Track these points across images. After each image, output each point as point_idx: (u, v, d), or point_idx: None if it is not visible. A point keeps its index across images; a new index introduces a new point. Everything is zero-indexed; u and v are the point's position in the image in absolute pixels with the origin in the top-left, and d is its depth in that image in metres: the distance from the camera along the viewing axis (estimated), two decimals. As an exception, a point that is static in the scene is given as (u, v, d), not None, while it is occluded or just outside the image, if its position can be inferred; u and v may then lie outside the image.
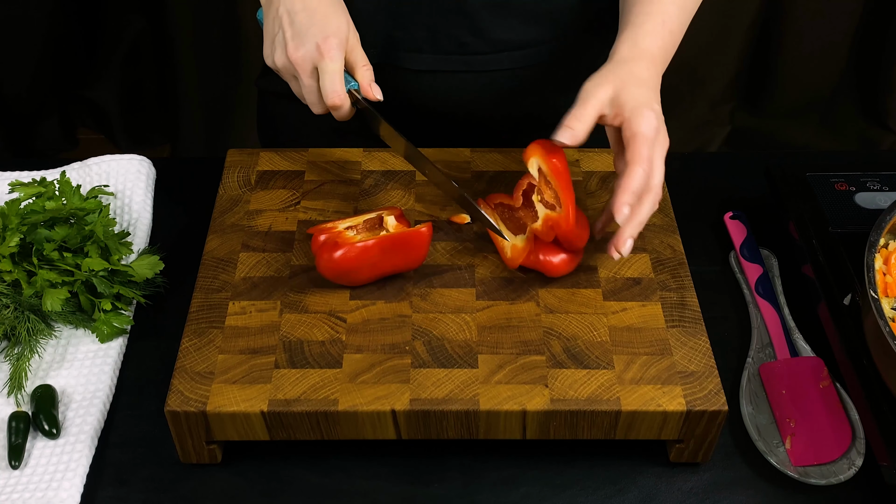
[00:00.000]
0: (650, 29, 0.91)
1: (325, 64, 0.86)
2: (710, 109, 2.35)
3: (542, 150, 0.88)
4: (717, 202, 1.11)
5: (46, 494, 0.79)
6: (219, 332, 0.85)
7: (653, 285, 0.90)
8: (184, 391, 0.80)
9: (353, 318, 0.86)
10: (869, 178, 1.05)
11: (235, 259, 0.92)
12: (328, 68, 0.86)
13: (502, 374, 0.81)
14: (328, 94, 0.87)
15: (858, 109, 2.36)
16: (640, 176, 0.82)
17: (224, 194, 0.99)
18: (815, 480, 0.83)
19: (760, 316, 0.97)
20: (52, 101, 2.25)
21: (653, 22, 0.92)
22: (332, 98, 0.87)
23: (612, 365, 0.82)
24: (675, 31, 0.94)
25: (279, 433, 0.81)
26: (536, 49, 1.05)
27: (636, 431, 0.81)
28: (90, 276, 0.91)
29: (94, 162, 1.09)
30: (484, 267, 0.91)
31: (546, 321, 0.86)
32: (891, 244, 0.94)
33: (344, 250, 0.85)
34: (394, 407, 0.79)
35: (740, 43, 2.23)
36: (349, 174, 1.01)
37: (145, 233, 1.04)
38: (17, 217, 0.92)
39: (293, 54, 0.86)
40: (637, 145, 0.83)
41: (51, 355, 0.91)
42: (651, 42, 0.91)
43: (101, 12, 2.16)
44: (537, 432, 0.81)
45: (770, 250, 1.04)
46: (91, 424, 0.85)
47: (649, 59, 0.90)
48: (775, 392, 0.89)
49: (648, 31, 0.91)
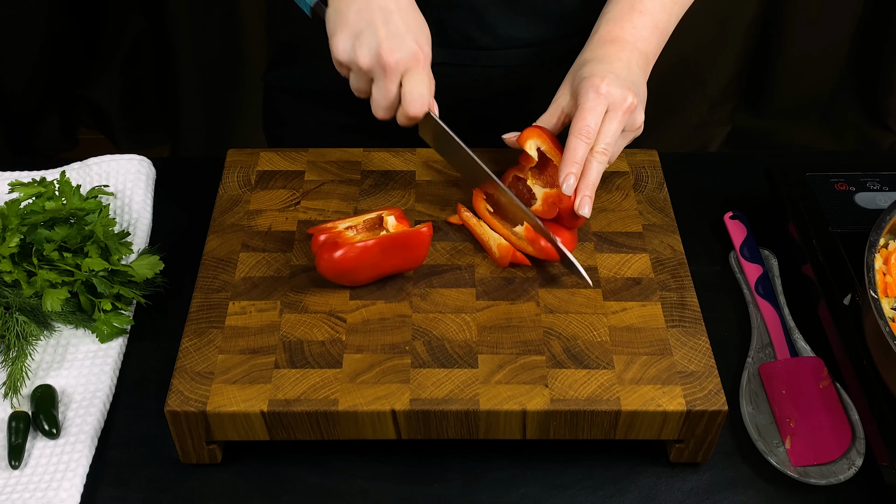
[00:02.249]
0: (616, 15, 0.95)
1: (417, 72, 0.84)
2: (710, 109, 2.35)
3: (539, 132, 0.93)
4: (717, 202, 1.11)
5: (46, 494, 0.79)
6: (219, 332, 0.85)
7: (653, 285, 0.90)
8: (184, 391, 0.80)
9: (353, 318, 0.86)
10: (869, 178, 1.05)
11: (235, 259, 0.92)
12: (419, 77, 0.84)
13: (502, 374, 0.81)
14: (415, 102, 0.85)
15: (858, 109, 2.36)
16: (580, 148, 0.87)
17: (224, 194, 0.99)
18: (815, 480, 0.83)
19: (760, 316, 0.97)
20: (51, 101, 2.25)
21: (620, 7, 0.96)
22: (419, 107, 0.85)
23: (612, 365, 0.82)
24: (651, 11, 0.95)
25: (279, 433, 0.81)
26: (543, 47, 1.05)
27: (636, 431, 0.81)
28: (90, 276, 0.91)
29: (94, 162, 1.09)
30: (484, 267, 0.91)
31: (546, 321, 0.86)
32: (891, 244, 0.94)
33: (344, 250, 0.85)
34: (394, 407, 0.79)
35: (740, 43, 2.23)
36: (349, 174, 1.01)
37: (145, 233, 1.04)
38: (17, 217, 0.92)
39: (388, 57, 0.83)
40: (578, 117, 0.88)
41: (51, 355, 0.91)
42: (615, 27, 0.94)
43: (100, 12, 2.16)
44: (537, 432, 0.81)
45: (770, 250, 1.04)
46: (91, 424, 0.85)
47: (611, 42, 0.93)
48: (775, 392, 0.89)
49: (613, 17, 0.95)
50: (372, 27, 0.84)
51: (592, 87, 0.87)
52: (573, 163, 0.87)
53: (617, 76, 0.89)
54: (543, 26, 1.04)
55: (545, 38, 1.04)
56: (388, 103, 0.86)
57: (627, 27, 0.94)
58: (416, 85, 0.84)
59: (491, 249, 0.91)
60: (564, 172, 0.87)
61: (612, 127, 0.88)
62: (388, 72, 0.84)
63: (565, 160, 0.87)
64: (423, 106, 0.85)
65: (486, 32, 1.03)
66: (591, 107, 0.87)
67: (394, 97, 0.86)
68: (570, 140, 0.87)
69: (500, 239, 0.90)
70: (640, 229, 0.95)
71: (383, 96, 0.86)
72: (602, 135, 0.88)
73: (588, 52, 0.94)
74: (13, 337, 0.89)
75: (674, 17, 0.99)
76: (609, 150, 0.88)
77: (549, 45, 1.05)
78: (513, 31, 1.03)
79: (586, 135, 0.87)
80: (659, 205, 0.98)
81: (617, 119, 0.88)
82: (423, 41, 0.85)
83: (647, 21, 0.95)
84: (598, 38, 0.95)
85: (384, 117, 0.88)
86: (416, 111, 0.85)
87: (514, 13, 1.01)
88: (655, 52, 0.97)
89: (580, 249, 0.93)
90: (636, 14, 0.95)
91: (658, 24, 0.96)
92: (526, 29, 1.03)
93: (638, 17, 0.95)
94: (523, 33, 1.04)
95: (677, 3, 0.98)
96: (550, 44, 1.05)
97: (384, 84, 0.85)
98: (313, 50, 0.89)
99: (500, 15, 1.01)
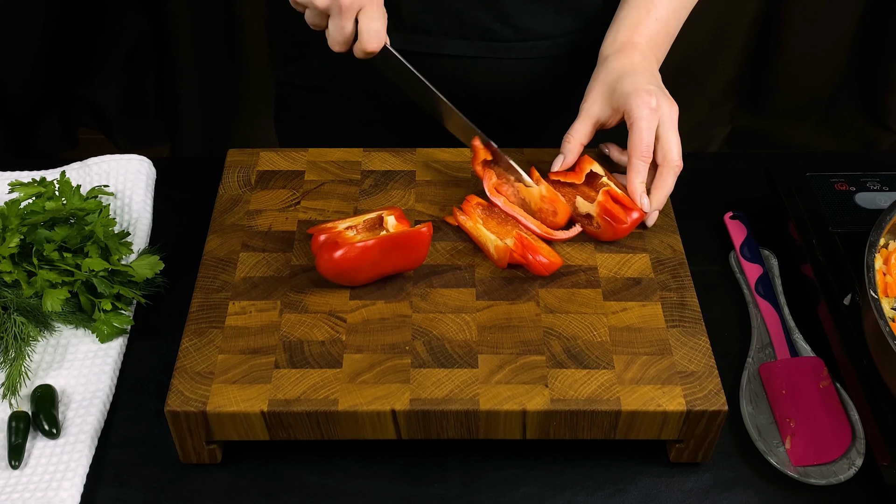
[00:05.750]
0: (634, 21, 0.98)
1: (372, 9, 0.88)
2: (710, 109, 2.35)
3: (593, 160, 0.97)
4: (717, 202, 1.11)
5: (46, 494, 0.79)
6: (219, 332, 0.85)
7: (653, 285, 0.90)
8: (184, 391, 0.80)
9: (353, 318, 0.86)
10: (869, 178, 1.05)
11: (235, 259, 0.92)
12: (374, 13, 0.88)
13: (502, 374, 0.81)
14: (371, 38, 0.88)
15: (858, 109, 2.36)
16: (642, 168, 0.92)
17: (224, 194, 0.99)
18: (815, 480, 0.83)
19: (760, 316, 0.97)
20: (51, 101, 2.25)
21: (637, 13, 0.99)
22: (374, 42, 0.89)
23: (612, 365, 0.82)
24: (664, 18, 0.98)
25: (279, 433, 0.81)
26: (562, 39, 1.06)
27: (636, 431, 0.81)
28: (90, 277, 0.91)
29: (94, 162, 1.09)
30: (484, 267, 0.91)
31: (546, 321, 0.86)
32: (891, 244, 0.93)
33: (344, 250, 0.85)
34: (394, 407, 0.79)
35: (740, 43, 2.23)
36: (349, 174, 1.01)
37: (145, 233, 1.04)
38: (17, 217, 0.92)
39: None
40: (634, 133, 0.92)
41: (51, 355, 0.91)
42: (633, 33, 0.98)
43: (100, 12, 2.16)
44: (537, 432, 0.81)
45: (770, 250, 1.04)
46: (91, 424, 0.85)
47: (631, 48, 0.97)
48: (775, 392, 0.89)
49: (631, 24, 0.98)
50: None
51: (646, 105, 0.91)
52: (641, 182, 0.92)
53: (658, 87, 0.94)
54: (563, 18, 1.05)
55: (563, 30, 1.05)
56: (344, 38, 0.90)
57: (644, 33, 0.98)
58: (371, 21, 0.88)
59: (489, 251, 0.91)
60: (638, 193, 0.92)
61: (675, 138, 0.93)
62: (344, 10, 0.88)
63: (633, 182, 0.92)
64: (379, 41, 0.89)
65: (505, 24, 1.04)
66: (648, 126, 0.91)
67: (350, 33, 0.90)
68: (633, 161, 0.92)
69: (497, 241, 0.90)
70: (640, 229, 0.95)
71: (340, 32, 0.90)
72: (673, 149, 0.93)
73: (615, 60, 0.96)
74: (11, 338, 0.89)
75: (680, 22, 1.02)
76: (681, 159, 0.93)
77: (568, 38, 1.06)
78: (531, 23, 1.04)
79: (647, 154, 0.92)
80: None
81: (674, 129, 0.93)
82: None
83: (661, 28, 0.99)
84: (620, 44, 0.98)
85: (340, 51, 0.92)
86: (373, 47, 0.90)
87: (534, 5, 1.02)
88: (663, 58, 1.01)
89: (580, 250, 0.93)
90: (652, 21, 0.98)
91: (669, 31, 1.01)
92: (545, 21, 1.04)
93: (653, 24, 0.98)
94: (543, 26, 1.04)
95: (684, 9, 1.01)
96: (570, 36, 1.05)
97: (339, 21, 0.89)
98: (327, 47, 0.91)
99: (519, 6, 1.03)
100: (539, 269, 0.89)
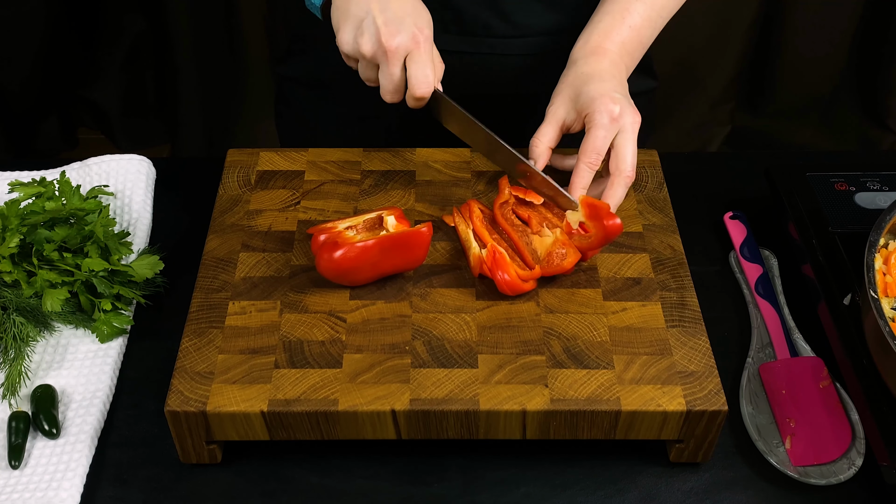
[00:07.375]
0: (607, 26, 0.98)
1: (419, 54, 0.87)
2: (710, 109, 2.35)
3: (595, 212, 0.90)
4: (717, 202, 1.11)
5: (46, 494, 0.79)
6: (219, 332, 0.85)
7: (653, 285, 0.90)
8: (184, 391, 0.80)
9: (353, 318, 0.86)
10: (869, 178, 1.05)
11: (235, 259, 0.92)
12: (422, 59, 0.87)
13: (502, 374, 0.81)
14: (420, 83, 0.87)
15: (858, 109, 2.36)
16: (587, 173, 0.91)
17: (224, 194, 0.99)
18: (815, 480, 0.83)
19: (760, 316, 0.97)
20: (51, 101, 2.25)
21: (611, 19, 0.99)
22: (424, 87, 0.87)
23: (612, 365, 0.82)
24: (638, 26, 0.99)
25: (279, 433, 0.81)
26: (560, 35, 1.06)
27: (636, 431, 0.81)
28: (90, 277, 0.91)
29: (93, 162, 1.09)
30: (484, 267, 0.91)
31: (546, 321, 0.86)
32: (891, 244, 0.94)
33: (344, 250, 0.85)
34: (394, 407, 0.79)
35: (740, 43, 2.23)
36: (349, 174, 1.01)
37: (145, 233, 1.04)
38: (17, 217, 0.92)
39: (388, 41, 0.86)
40: (589, 138, 0.91)
41: (51, 355, 0.91)
42: (605, 39, 0.98)
43: (100, 12, 2.16)
44: (537, 432, 0.81)
45: (770, 250, 1.04)
46: (91, 424, 0.85)
47: (601, 53, 0.96)
48: (775, 392, 0.89)
49: (604, 29, 0.98)
50: (371, 16, 0.86)
51: (608, 112, 0.90)
52: (583, 188, 0.91)
53: (623, 95, 0.93)
54: (558, 14, 1.05)
55: (561, 26, 1.06)
56: (395, 87, 0.89)
57: (616, 39, 0.98)
58: (419, 67, 0.87)
59: (467, 257, 0.91)
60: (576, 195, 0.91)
61: (631, 149, 0.92)
62: (391, 56, 0.86)
63: (574, 185, 0.91)
64: (429, 86, 0.87)
65: (504, 20, 1.04)
66: (604, 134, 0.90)
67: (399, 80, 0.88)
68: (579, 164, 0.91)
69: (476, 248, 0.90)
70: (640, 229, 0.95)
71: (389, 80, 0.88)
72: (627, 159, 0.91)
73: (584, 64, 0.96)
74: (10, 338, 0.89)
75: (655, 32, 1.02)
76: (634, 171, 0.92)
77: (563, 34, 1.06)
78: (529, 19, 1.05)
79: (595, 162, 0.91)
80: (659, 205, 0.98)
81: (633, 140, 0.92)
82: (422, 23, 0.87)
83: (634, 35, 0.99)
84: (590, 48, 0.97)
85: (393, 101, 0.90)
86: (423, 92, 0.88)
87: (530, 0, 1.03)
88: (633, 66, 1.01)
89: (580, 249, 0.93)
90: (626, 28, 0.98)
91: (642, 40, 1.00)
92: (541, 16, 1.05)
93: (626, 31, 0.98)
94: (539, 21, 1.05)
95: (660, 17, 1.02)
96: (566, 32, 1.06)
97: (388, 69, 0.87)
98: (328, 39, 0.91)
99: (516, 2, 1.02)
100: (503, 287, 0.87)
